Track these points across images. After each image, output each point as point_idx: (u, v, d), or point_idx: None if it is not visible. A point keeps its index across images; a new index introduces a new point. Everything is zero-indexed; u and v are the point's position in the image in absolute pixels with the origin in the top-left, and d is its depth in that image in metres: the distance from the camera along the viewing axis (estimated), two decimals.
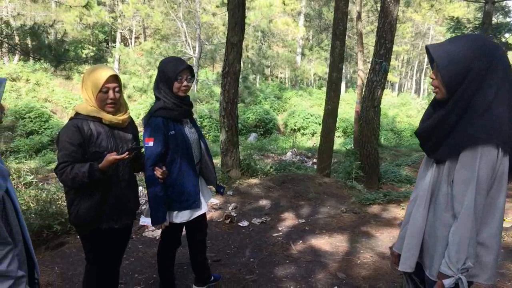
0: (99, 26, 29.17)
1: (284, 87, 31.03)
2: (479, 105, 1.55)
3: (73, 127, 2.23)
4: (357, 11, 12.75)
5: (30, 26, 10.05)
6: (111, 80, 2.26)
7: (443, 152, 1.66)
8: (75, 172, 2.17)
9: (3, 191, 1.45)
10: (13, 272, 1.42)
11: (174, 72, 2.61)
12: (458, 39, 1.64)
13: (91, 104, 2.29)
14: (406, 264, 1.81)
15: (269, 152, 13.71)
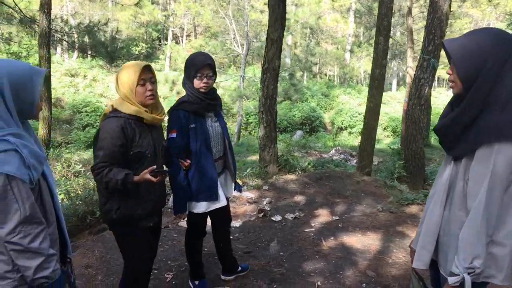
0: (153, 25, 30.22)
1: (332, 84, 30.64)
2: (497, 100, 1.51)
3: (118, 128, 2.20)
4: (408, 6, 12.36)
5: (86, 25, 10.64)
6: (145, 71, 2.27)
7: (460, 149, 1.63)
8: (110, 177, 2.15)
9: (39, 174, 1.58)
10: (44, 250, 1.56)
11: (194, 70, 2.66)
12: (474, 32, 1.59)
13: (131, 102, 2.27)
14: (420, 261, 1.79)
15: (312, 149, 13.62)
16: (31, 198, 1.53)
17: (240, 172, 6.62)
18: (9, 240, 1.49)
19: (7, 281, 1.56)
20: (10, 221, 1.48)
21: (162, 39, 32.36)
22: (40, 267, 1.55)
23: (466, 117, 1.58)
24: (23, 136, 1.55)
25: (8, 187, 1.46)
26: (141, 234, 2.45)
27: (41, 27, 8.71)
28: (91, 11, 23.66)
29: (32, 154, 1.54)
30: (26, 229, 1.51)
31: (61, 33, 10.72)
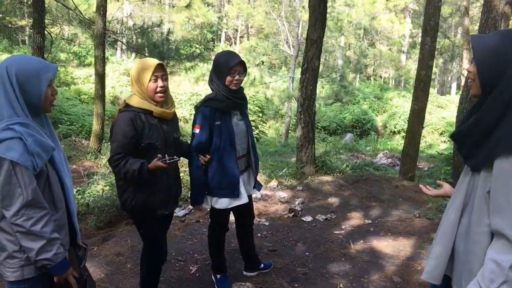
0: (207, 26, 30.95)
1: (386, 87, 29.79)
2: None
3: (127, 120, 2.34)
4: (464, 6, 11.77)
5: (140, 26, 11.11)
6: (158, 69, 2.38)
7: (477, 159, 1.51)
8: (127, 168, 2.30)
9: (43, 162, 1.69)
10: (46, 233, 1.66)
11: (227, 66, 2.73)
12: (504, 32, 1.48)
13: (142, 96, 2.42)
14: (430, 273, 1.68)
15: (360, 152, 13.35)
16: (33, 184, 1.63)
17: (277, 171, 6.64)
18: (14, 222, 1.61)
19: (15, 260, 1.69)
20: (14, 204, 1.59)
21: (216, 41, 33.05)
22: (42, 249, 1.65)
23: (485, 124, 1.47)
24: (30, 125, 1.65)
25: (12, 172, 1.57)
26: (155, 221, 2.60)
27: (97, 28, 9.22)
28: (149, 13, 24.62)
29: (38, 143, 1.65)
30: (29, 212, 1.61)
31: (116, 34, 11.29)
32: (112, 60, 24.62)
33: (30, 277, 1.71)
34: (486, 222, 1.49)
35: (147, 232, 2.65)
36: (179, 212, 4.73)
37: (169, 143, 2.54)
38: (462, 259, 1.61)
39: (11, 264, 1.69)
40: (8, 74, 1.63)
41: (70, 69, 20.46)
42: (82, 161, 8.86)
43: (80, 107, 16.57)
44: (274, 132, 21.03)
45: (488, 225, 1.48)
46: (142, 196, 2.46)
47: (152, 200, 2.49)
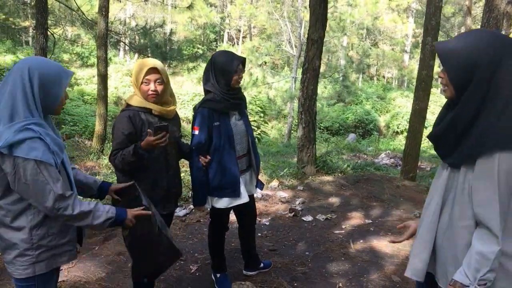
0: (210, 26, 31.00)
1: (389, 87, 29.74)
2: (493, 105, 1.44)
3: (126, 118, 2.39)
4: (467, 6, 11.74)
5: (142, 27, 11.16)
6: (151, 72, 2.39)
7: (457, 157, 1.56)
8: (123, 154, 2.35)
9: (60, 160, 1.76)
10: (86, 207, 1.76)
11: (234, 65, 2.77)
12: (465, 35, 1.53)
13: (139, 95, 2.45)
14: (413, 270, 1.72)
15: (362, 152, 13.34)
16: (60, 179, 1.70)
17: (278, 171, 6.65)
18: (57, 215, 1.69)
19: (27, 258, 1.73)
20: (47, 201, 1.65)
21: (219, 41, 33.10)
22: (95, 217, 1.76)
23: (461, 124, 1.51)
24: (45, 125, 1.70)
25: (38, 171, 1.62)
26: None
27: (99, 28, 9.25)
28: (152, 14, 24.69)
29: (54, 142, 1.71)
30: (64, 204, 1.68)
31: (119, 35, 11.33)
32: (115, 60, 24.70)
33: (41, 273, 1.76)
34: (469, 215, 1.53)
35: None
36: (179, 212, 4.76)
37: (171, 142, 2.54)
38: (446, 253, 1.64)
39: (22, 262, 1.73)
40: (29, 75, 1.67)
41: (73, 70, 20.54)
42: (85, 162, 8.90)
43: (83, 107, 16.63)
44: (277, 132, 21.04)
45: (471, 219, 1.53)
46: None
47: (149, 198, 2.49)
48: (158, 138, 2.31)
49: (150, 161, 2.45)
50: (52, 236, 1.77)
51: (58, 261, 1.82)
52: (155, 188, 2.51)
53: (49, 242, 1.76)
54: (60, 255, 1.82)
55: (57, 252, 1.81)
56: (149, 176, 2.49)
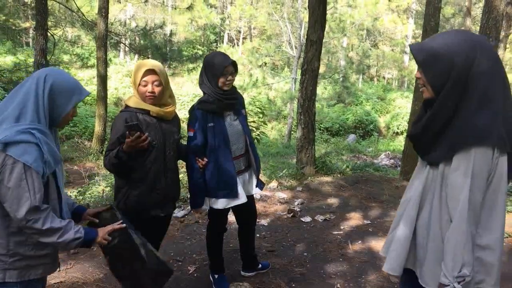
0: (210, 27, 31.02)
1: (389, 88, 29.74)
2: (469, 103, 1.47)
3: (121, 120, 2.39)
4: (466, 7, 11.74)
5: (142, 28, 11.18)
6: (148, 74, 2.38)
7: (436, 155, 1.59)
8: (110, 156, 2.37)
9: (50, 171, 1.74)
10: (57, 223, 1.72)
11: (220, 67, 2.75)
12: (440, 35, 1.56)
13: (137, 96, 2.45)
14: (390, 264, 1.75)
15: (362, 153, 13.34)
16: (41, 191, 1.67)
17: (277, 172, 6.65)
18: (25, 226, 1.65)
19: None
20: (20, 208, 1.62)
21: (219, 42, 33.11)
22: (63, 235, 1.72)
23: (439, 122, 1.55)
24: (47, 134, 1.70)
25: (23, 176, 1.60)
26: (149, 224, 2.57)
27: (98, 29, 9.27)
28: (152, 15, 24.71)
29: (51, 152, 1.70)
30: (36, 216, 1.65)
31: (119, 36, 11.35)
32: (115, 61, 24.73)
33: (10, 281, 1.71)
34: (446, 213, 1.57)
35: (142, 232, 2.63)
36: (178, 213, 4.76)
37: (169, 143, 2.54)
38: (423, 251, 1.67)
39: None
40: (44, 82, 1.70)
41: (73, 71, 20.57)
42: (84, 162, 8.91)
43: (84, 108, 16.66)
44: (277, 133, 21.04)
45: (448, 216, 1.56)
46: (135, 196, 2.46)
47: (146, 200, 2.48)
48: (133, 139, 2.26)
49: (148, 163, 2.45)
50: (30, 246, 1.73)
51: (31, 273, 1.75)
52: (153, 191, 2.50)
53: (26, 251, 1.72)
54: (34, 267, 1.76)
55: (32, 263, 1.75)
56: (146, 178, 2.47)
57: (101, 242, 1.88)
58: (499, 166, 1.46)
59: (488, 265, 1.52)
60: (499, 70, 1.49)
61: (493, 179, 1.47)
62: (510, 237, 4.30)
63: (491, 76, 1.46)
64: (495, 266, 1.51)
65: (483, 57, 1.45)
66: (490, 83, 1.45)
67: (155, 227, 2.67)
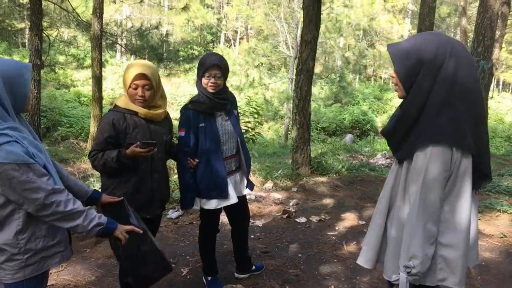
0: (207, 28, 31.00)
1: (386, 87, 29.79)
2: (434, 103, 1.51)
3: (108, 119, 2.38)
4: (462, 6, 11.76)
5: (138, 28, 11.15)
6: (139, 78, 2.35)
7: (402, 152, 1.66)
8: (105, 158, 2.33)
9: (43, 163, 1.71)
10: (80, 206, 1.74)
11: (203, 69, 2.74)
12: (414, 36, 1.62)
13: (127, 97, 2.43)
14: (362, 257, 1.84)
15: (358, 153, 13.32)
16: (45, 175, 1.67)
17: (272, 172, 6.63)
18: (47, 214, 1.66)
19: (16, 262, 1.70)
20: (38, 199, 1.62)
21: (216, 42, 33.09)
22: (86, 219, 1.73)
23: (407, 121, 1.60)
24: (20, 129, 1.67)
25: (21, 172, 1.58)
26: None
27: (93, 30, 9.23)
28: (149, 15, 24.66)
29: (32, 144, 1.67)
30: (55, 199, 1.65)
31: (114, 37, 11.31)
32: (112, 62, 24.67)
33: (31, 276, 1.73)
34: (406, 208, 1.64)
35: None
36: (172, 214, 4.73)
37: (157, 144, 2.51)
38: (390, 243, 1.74)
39: (11, 266, 1.70)
40: None
41: (69, 72, 20.51)
42: (80, 164, 8.87)
43: (80, 109, 16.62)
44: (274, 133, 21.03)
45: None
46: (120, 194, 2.41)
47: (131, 201, 2.42)
48: (145, 151, 2.32)
49: (134, 163, 2.43)
50: (40, 238, 1.73)
51: (49, 263, 1.79)
52: (138, 191, 2.48)
53: (37, 245, 1.73)
54: (50, 257, 1.79)
55: (47, 254, 1.77)
56: (132, 179, 2.45)
57: (119, 236, 1.86)
58: (461, 167, 1.50)
59: (451, 263, 1.55)
60: (471, 75, 1.51)
61: (456, 179, 1.51)
62: (505, 238, 4.29)
63: (458, 80, 1.49)
64: (458, 264, 1.54)
65: (452, 60, 1.49)
66: (455, 86, 1.48)
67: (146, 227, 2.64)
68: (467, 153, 1.49)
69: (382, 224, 1.76)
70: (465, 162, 1.50)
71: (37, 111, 9.00)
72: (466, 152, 1.49)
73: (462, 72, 1.49)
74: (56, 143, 12.47)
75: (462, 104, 1.48)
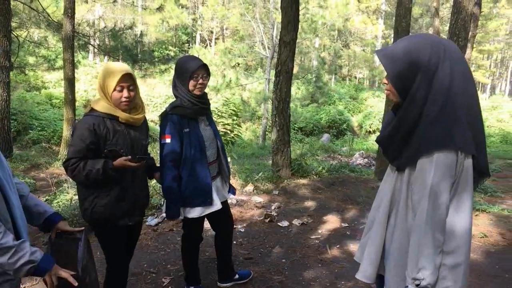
0: (182, 28, 30.66)
1: (361, 87, 30.18)
2: (432, 109, 1.45)
3: (88, 125, 2.24)
4: (435, 7, 11.96)
5: (111, 28, 10.88)
6: (125, 79, 2.27)
7: (402, 160, 1.59)
8: (89, 169, 2.19)
9: None
10: (10, 241, 1.52)
11: (190, 71, 2.66)
12: (404, 39, 1.55)
13: (107, 102, 2.30)
14: (362, 272, 1.75)
15: (336, 153, 13.41)
16: None
17: (253, 175, 6.55)
18: None
19: None
20: None
21: (191, 43, 32.77)
22: (14, 256, 1.53)
23: (405, 127, 1.54)
24: None
25: None
26: (118, 234, 2.46)
27: (65, 30, 8.94)
28: (122, 15, 24.18)
29: None
30: None
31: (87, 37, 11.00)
32: (84, 63, 24.08)
33: None
34: (411, 217, 1.58)
35: (108, 245, 2.50)
36: (151, 221, 4.59)
37: (137, 150, 2.42)
38: (392, 254, 1.66)
39: None
40: None
41: (40, 73, 19.91)
42: (52, 168, 8.58)
43: (52, 112, 16.10)
44: (251, 134, 20.97)
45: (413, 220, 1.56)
46: (102, 206, 2.33)
47: (114, 210, 2.35)
48: (137, 164, 2.27)
49: (120, 174, 2.32)
50: None
51: None
52: (120, 200, 2.37)
53: None
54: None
55: None
56: (115, 188, 2.34)
57: (46, 280, 1.64)
58: (464, 169, 1.46)
59: (453, 270, 1.50)
60: (465, 74, 1.47)
61: (459, 182, 1.46)
62: (486, 237, 4.34)
63: (454, 82, 1.45)
64: (461, 271, 1.50)
65: (446, 63, 1.45)
66: (452, 89, 1.44)
67: (123, 237, 2.53)
68: (469, 155, 1.46)
69: (382, 236, 1.69)
70: (467, 164, 1.46)
71: (7, 114, 8.69)
72: (468, 154, 1.45)
73: (457, 72, 1.45)
74: (28, 147, 12.03)
75: (460, 106, 1.44)
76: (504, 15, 28.28)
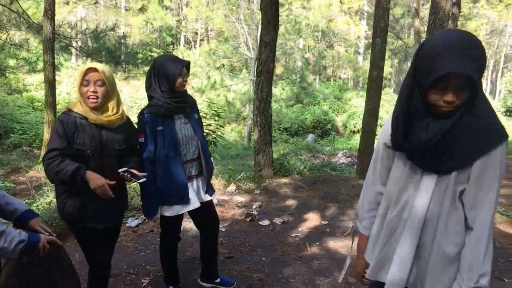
0: (166, 29, 30.52)
1: (345, 87, 30.42)
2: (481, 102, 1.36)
3: (59, 121, 2.26)
4: (415, 8, 12.14)
5: (93, 30, 10.79)
6: (90, 72, 2.25)
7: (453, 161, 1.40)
8: (61, 168, 2.16)
9: None
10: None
11: (178, 69, 2.69)
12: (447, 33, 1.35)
13: (80, 101, 2.30)
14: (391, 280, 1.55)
15: (320, 153, 13.51)
16: None
17: (235, 175, 6.58)
18: None
19: None
20: None
21: (176, 44, 32.63)
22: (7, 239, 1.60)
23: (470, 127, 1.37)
24: None
25: None
26: (91, 236, 2.44)
27: (45, 32, 8.85)
28: (105, 17, 23.99)
29: None
30: None
31: (68, 39, 10.89)
32: (67, 65, 23.80)
33: None
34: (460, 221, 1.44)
35: (81, 243, 2.49)
36: (132, 222, 4.58)
37: (106, 153, 2.37)
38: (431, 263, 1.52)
39: None
40: None
41: (21, 76, 19.63)
42: (32, 172, 8.48)
43: (34, 115, 15.90)
44: (237, 135, 20.98)
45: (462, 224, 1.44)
46: (70, 206, 2.32)
47: (82, 212, 2.33)
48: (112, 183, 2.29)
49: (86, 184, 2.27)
50: None
51: None
52: (89, 202, 2.34)
53: None
54: None
55: None
56: (82, 189, 2.27)
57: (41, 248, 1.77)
58: None
59: None
60: None
61: None
62: None
63: None
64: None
65: None
66: None
67: (95, 238, 2.48)
68: None
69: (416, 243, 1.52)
70: None
71: None
72: None
73: None
74: (8, 151, 11.87)
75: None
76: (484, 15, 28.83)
